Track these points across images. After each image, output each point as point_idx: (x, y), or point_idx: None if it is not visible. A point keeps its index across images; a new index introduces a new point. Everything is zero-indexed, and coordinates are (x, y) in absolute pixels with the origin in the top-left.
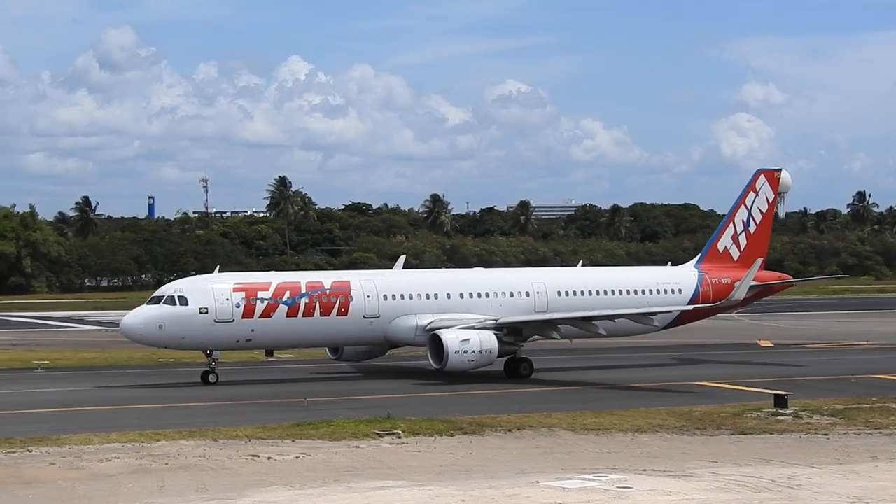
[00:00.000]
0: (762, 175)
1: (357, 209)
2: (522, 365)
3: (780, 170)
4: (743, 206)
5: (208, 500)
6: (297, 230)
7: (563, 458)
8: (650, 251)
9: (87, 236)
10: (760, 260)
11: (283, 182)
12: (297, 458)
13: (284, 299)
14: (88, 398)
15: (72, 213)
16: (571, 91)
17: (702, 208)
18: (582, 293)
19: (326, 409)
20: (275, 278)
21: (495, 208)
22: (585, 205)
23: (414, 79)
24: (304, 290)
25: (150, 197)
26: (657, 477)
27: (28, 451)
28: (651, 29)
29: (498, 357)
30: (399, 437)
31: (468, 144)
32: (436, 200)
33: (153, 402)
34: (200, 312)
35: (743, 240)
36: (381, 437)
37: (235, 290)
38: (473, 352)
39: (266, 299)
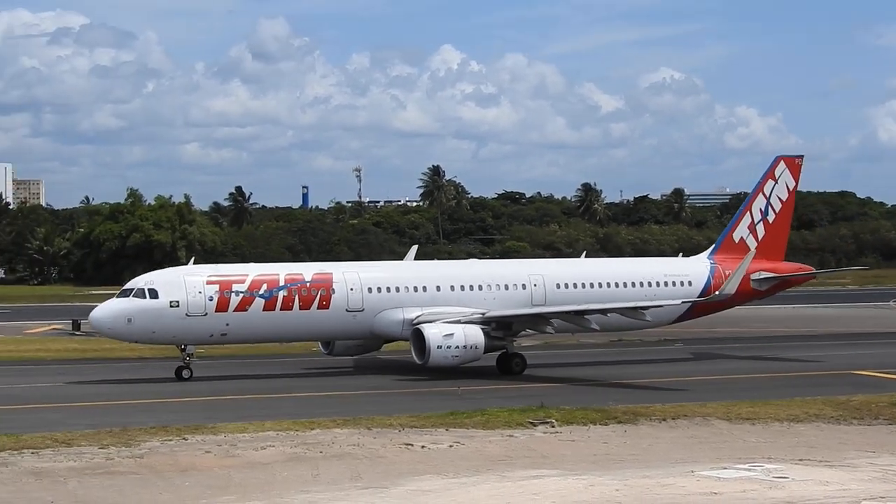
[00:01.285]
0: (782, 161)
1: (510, 198)
2: (515, 360)
3: (801, 156)
4: (761, 194)
5: (362, 488)
6: (450, 219)
7: (718, 447)
8: (805, 239)
9: (241, 226)
10: (753, 252)
11: (436, 171)
12: (450, 446)
13: (261, 292)
14: (243, 387)
15: (226, 203)
16: (725, 78)
17: (858, 196)
18: (583, 286)
19: (480, 399)
20: (252, 270)
21: (649, 196)
22: (739, 193)
23: (567, 67)
24: (282, 283)
25: (303, 186)
26: (813, 467)
27: (184, 439)
28: (806, 15)
29: (486, 352)
30: (553, 427)
31: (621, 132)
32: (588, 189)
33: (307, 391)
34: (171, 306)
35: (761, 230)
36: (535, 426)
37: (209, 282)
38: (457, 347)
39: (241, 292)
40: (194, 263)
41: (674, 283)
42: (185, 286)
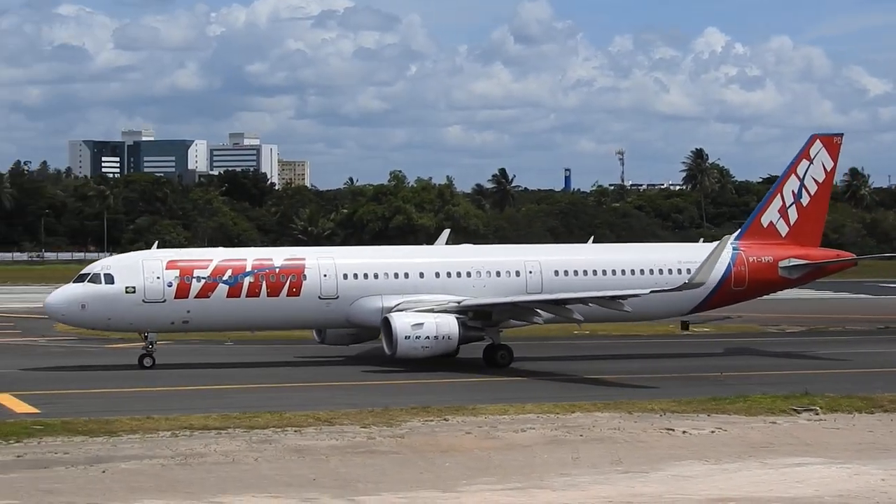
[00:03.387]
0: (817, 140)
1: (775, 182)
2: (500, 353)
3: (840, 135)
4: (794, 175)
5: (623, 472)
6: (713, 203)
7: None
8: None
9: (503, 208)
10: (729, 237)
11: (699, 154)
12: (711, 432)
13: (225, 278)
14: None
15: (489, 186)
16: None
17: None
18: (585, 273)
19: (742, 384)
20: (217, 255)
21: None
22: None
23: (833, 49)
24: (249, 269)
25: (566, 169)
26: None
27: (445, 419)
28: None
29: (463, 344)
30: (817, 414)
31: (890, 116)
32: (854, 173)
33: (565, 374)
34: (127, 292)
35: (793, 213)
36: (799, 413)
37: (168, 267)
38: (427, 337)
39: (203, 278)
40: (157, 248)
41: (688, 271)
42: (142, 271)
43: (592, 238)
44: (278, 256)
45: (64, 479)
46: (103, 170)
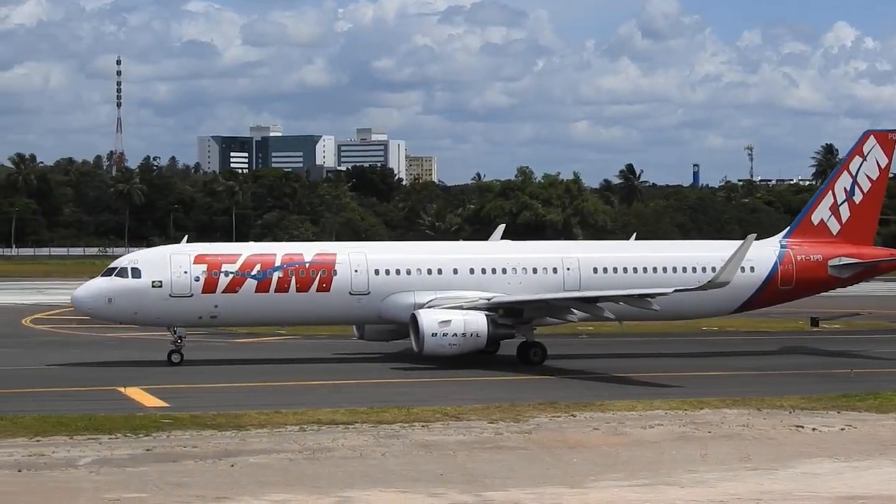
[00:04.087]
0: (871, 136)
1: None
2: (533, 350)
3: (894, 131)
4: (846, 172)
5: (751, 469)
6: None
7: None
8: None
9: (631, 204)
10: (752, 236)
11: (829, 150)
12: (842, 429)
13: (254, 273)
14: (629, 365)
15: (616, 181)
16: None
17: None
18: (625, 270)
19: (873, 381)
20: (246, 250)
21: None
22: None
23: None
24: (278, 264)
25: (694, 165)
26: None
27: (572, 415)
28: None
29: (493, 341)
30: None
31: None
32: None
33: (693, 371)
34: (153, 286)
35: (845, 211)
36: None
37: (196, 261)
38: (455, 335)
39: (231, 272)
40: (187, 241)
41: None
42: (169, 265)
43: (635, 235)
44: (309, 251)
45: (193, 473)
46: (232, 165)
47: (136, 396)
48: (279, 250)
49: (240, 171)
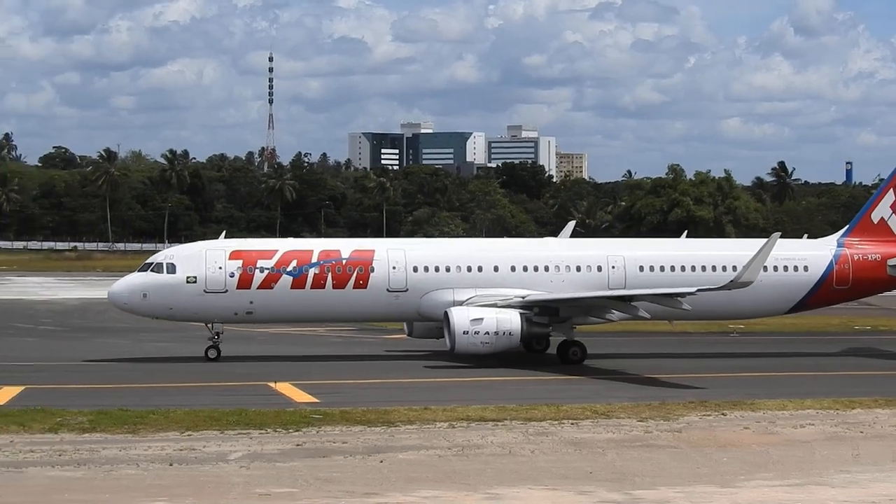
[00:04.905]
0: None
1: None
2: (572, 349)
3: None
4: None
5: None
6: None
7: None
8: None
9: (782, 202)
10: (777, 234)
11: None
12: None
13: (290, 269)
14: (779, 364)
15: (768, 179)
16: None
17: None
18: (672, 269)
19: None
20: (283, 245)
21: None
22: None
23: None
24: (314, 260)
25: (847, 162)
26: None
27: (723, 414)
28: None
29: (529, 340)
30: None
31: None
32: None
33: (841, 370)
34: (188, 281)
35: None
36: None
37: (232, 257)
38: (487, 333)
39: (267, 268)
40: (225, 237)
41: (785, 269)
42: (204, 261)
43: (686, 233)
44: (346, 248)
45: (342, 468)
46: (382, 162)
47: (287, 392)
48: (316, 246)
49: (390, 167)
